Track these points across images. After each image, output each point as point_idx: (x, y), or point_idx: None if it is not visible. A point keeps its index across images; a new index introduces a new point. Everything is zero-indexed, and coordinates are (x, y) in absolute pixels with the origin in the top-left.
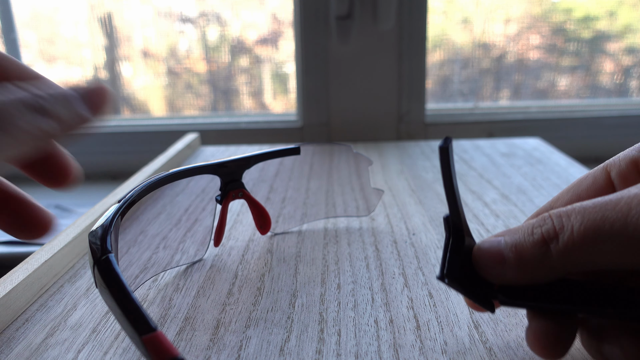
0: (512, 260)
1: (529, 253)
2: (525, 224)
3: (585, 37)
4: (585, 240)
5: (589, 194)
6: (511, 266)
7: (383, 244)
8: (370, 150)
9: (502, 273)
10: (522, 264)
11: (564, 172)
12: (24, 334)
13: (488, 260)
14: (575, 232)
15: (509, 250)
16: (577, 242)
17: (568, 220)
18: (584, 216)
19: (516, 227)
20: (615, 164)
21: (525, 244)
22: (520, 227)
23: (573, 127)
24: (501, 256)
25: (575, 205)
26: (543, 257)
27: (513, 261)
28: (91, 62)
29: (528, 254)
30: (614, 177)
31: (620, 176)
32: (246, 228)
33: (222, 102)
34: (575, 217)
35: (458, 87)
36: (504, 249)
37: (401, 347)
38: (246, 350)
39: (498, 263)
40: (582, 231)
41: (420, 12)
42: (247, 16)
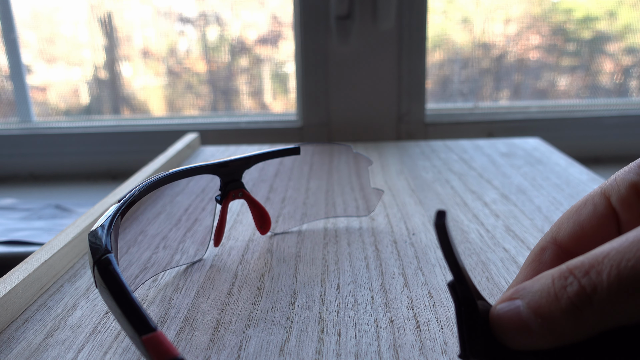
0: (540, 330)
1: (561, 321)
2: (543, 280)
3: (585, 37)
4: (626, 296)
5: (592, 224)
6: (541, 335)
7: (383, 244)
8: (370, 150)
9: (531, 342)
10: (553, 333)
11: (563, 172)
12: (23, 334)
13: (511, 331)
14: (613, 290)
15: (535, 318)
16: (616, 301)
17: (600, 277)
18: (619, 267)
19: (531, 284)
20: (614, 188)
21: (554, 312)
22: (537, 285)
23: (573, 127)
24: (526, 325)
25: (597, 252)
26: (577, 322)
27: (542, 331)
28: (91, 62)
29: (560, 322)
30: (615, 203)
31: (622, 202)
32: (246, 228)
33: (222, 102)
34: (608, 272)
35: (458, 87)
36: (527, 317)
37: (401, 347)
38: (246, 350)
39: (523, 333)
40: (621, 286)
41: (420, 12)
42: (247, 16)
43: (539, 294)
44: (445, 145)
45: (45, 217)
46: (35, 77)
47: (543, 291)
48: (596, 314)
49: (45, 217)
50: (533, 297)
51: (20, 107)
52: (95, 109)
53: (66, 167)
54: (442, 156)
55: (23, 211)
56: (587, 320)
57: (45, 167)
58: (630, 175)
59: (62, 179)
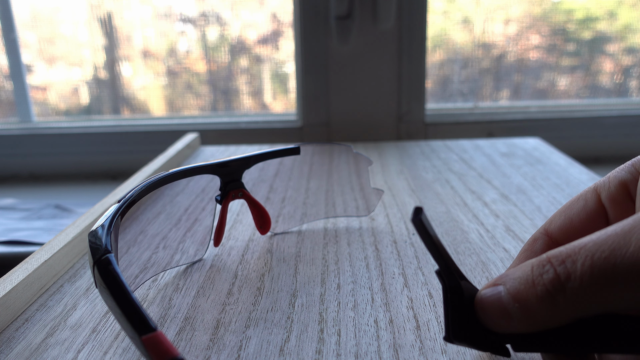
0: (518, 315)
1: (535, 308)
2: (524, 267)
3: (585, 37)
4: (598, 285)
5: (581, 218)
6: (518, 319)
7: (383, 244)
8: (370, 150)
9: (510, 326)
10: (529, 318)
11: (563, 172)
12: (23, 334)
13: (492, 315)
14: (586, 279)
15: (513, 303)
16: (589, 289)
17: (574, 266)
18: (592, 258)
19: (513, 271)
20: (605, 186)
21: (530, 298)
22: (518, 271)
23: (573, 127)
24: (505, 310)
25: (576, 243)
26: (551, 308)
27: (519, 315)
28: (91, 62)
29: (534, 308)
30: (604, 199)
31: (610, 199)
32: (246, 228)
33: (222, 102)
34: (582, 262)
35: (458, 87)
36: (507, 302)
37: (401, 347)
38: (246, 350)
39: (503, 317)
40: (593, 276)
41: (420, 12)
42: (247, 16)
43: (519, 280)
44: (445, 145)
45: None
46: (35, 77)
47: (522, 278)
48: (569, 302)
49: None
50: (513, 283)
51: (20, 107)
52: (95, 109)
53: (66, 167)
54: (442, 156)
55: (23, 211)
56: (560, 307)
57: (45, 167)
58: (621, 174)
59: (62, 179)
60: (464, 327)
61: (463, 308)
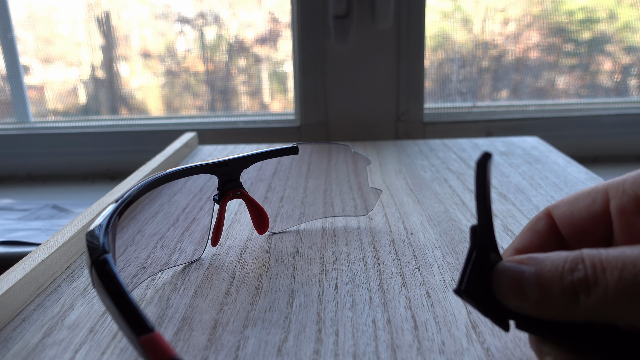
0: (533, 297)
1: (555, 298)
2: (557, 256)
3: (585, 36)
4: (619, 300)
5: (582, 215)
6: (531, 302)
7: (381, 244)
8: (369, 149)
9: (520, 305)
10: (544, 304)
11: (562, 171)
12: (20, 334)
13: (507, 288)
14: (610, 291)
15: (533, 285)
16: (610, 301)
17: (603, 275)
18: (622, 273)
19: (544, 256)
20: (618, 193)
21: (553, 288)
22: (549, 260)
23: (571, 126)
24: (522, 288)
25: (612, 252)
26: (569, 305)
27: (535, 298)
28: (88, 62)
29: (553, 298)
30: (613, 207)
31: (620, 209)
32: (244, 227)
33: (220, 102)
34: (611, 273)
35: (456, 87)
36: (527, 282)
37: (399, 347)
38: (244, 350)
39: (517, 294)
40: (618, 290)
41: (418, 11)
42: (245, 16)
43: (548, 267)
44: (444, 144)
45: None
46: (33, 77)
47: (552, 266)
48: (588, 305)
49: (43, 217)
50: (541, 268)
51: (18, 107)
52: (92, 108)
53: (64, 167)
54: (441, 155)
55: (20, 211)
56: (578, 307)
57: (43, 167)
58: (637, 188)
59: (59, 179)
60: (476, 287)
61: (482, 269)
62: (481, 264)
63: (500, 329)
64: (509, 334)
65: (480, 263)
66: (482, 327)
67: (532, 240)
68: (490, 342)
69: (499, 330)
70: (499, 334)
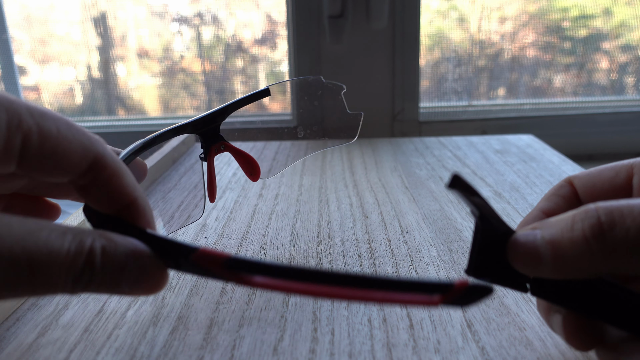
0: (548, 258)
1: (567, 251)
2: (565, 215)
3: (581, 35)
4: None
5: (604, 188)
6: (547, 263)
7: (376, 242)
8: (364, 147)
9: (537, 269)
10: (558, 262)
11: (557, 169)
12: (14, 334)
13: (523, 256)
14: (632, 232)
15: (546, 246)
16: (630, 243)
17: (622, 218)
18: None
19: (555, 219)
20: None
21: (564, 241)
22: (559, 218)
23: (566, 125)
24: (537, 253)
25: (631, 201)
26: (582, 255)
27: (549, 259)
28: (85, 62)
29: (566, 251)
30: (636, 183)
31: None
32: (239, 225)
33: (217, 102)
34: (631, 217)
35: (452, 85)
36: (540, 245)
37: (394, 346)
38: (239, 349)
39: (533, 260)
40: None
41: (413, 11)
42: (242, 16)
43: (557, 225)
44: (439, 141)
45: None
46: (29, 78)
47: (561, 223)
48: (603, 251)
49: None
50: (551, 229)
51: None
52: (89, 109)
53: None
54: (436, 153)
55: None
56: (591, 255)
57: None
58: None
59: None
60: (486, 265)
61: (490, 247)
62: (487, 243)
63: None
64: (504, 333)
65: (485, 243)
66: (477, 325)
67: (557, 203)
68: (485, 340)
69: (494, 329)
70: (494, 333)
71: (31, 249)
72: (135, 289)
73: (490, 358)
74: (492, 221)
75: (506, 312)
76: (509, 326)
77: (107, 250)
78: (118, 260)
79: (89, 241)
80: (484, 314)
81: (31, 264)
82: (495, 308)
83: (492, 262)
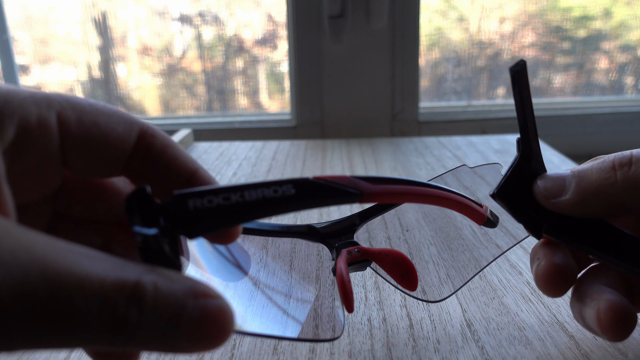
0: (572, 186)
1: (593, 178)
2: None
3: (580, 35)
4: None
5: None
6: (570, 191)
7: (376, 241)
8: (364, 147)
9: (560, 201)
10: (581, 189)
11: (556, 169)
12: None
13: (549, 186)
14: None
15: (572, 177)
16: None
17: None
18: None
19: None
20: None
21: (592, 171)
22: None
23: (565, 125)
24: (563, 183)
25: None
26: (605, 182)
27: (574, 186)
28: (85, 62)
29: (591, 179)
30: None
31: None
32: None
33: (217, 102)
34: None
35: (452, 85)
36: (568, 176)
37: (394, 345)
38: (240, 349)
39: (558, 190)
40: None
41: (413, 11)
42: (242, 16)
43: (588, 164)
44: (439, 141)
45: None
46: (30, 78)
47: (593, 162)
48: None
49: None
50: (582, 167)
51: None
52: None
53: None
54: (436, 153)
55: None
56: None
57: None
58: None
59: None
60: (510, 192)
61: (524, 176)
62: (521, 170)
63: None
64: (504, 333)
65: (519, 169)
66: (477, 325)
67: None
68: (485, 340)
69: (493, 329)
70: (494, 333)
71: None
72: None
73: (489, 357)
74: (534, 152)
75: (506, 311)
76: (509, 326)
77: (160, 288)
78: (175, 300)
79: (134, 274)
80: (484, 314)
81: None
82: (495, 307)
83: (519, 193)
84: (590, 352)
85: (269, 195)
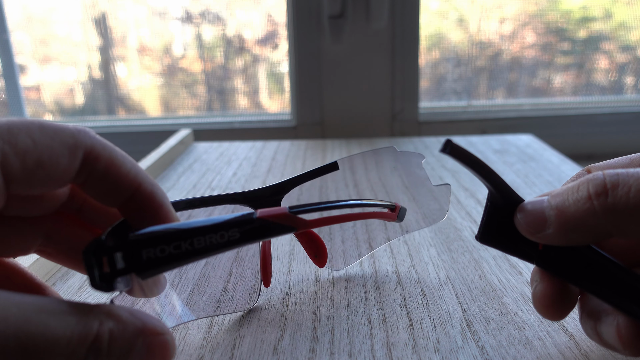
0: (553, 219)
1: (571, 211)
2: (573, 182)
3: (581, 35)
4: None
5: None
6: (552, 225)
7: (376, 242)
8: (364, 147)
9: (543, 234)
10: (562, 223)
11: (556, 169)
12: None
13: (530, 221)
14: (632, 193)
15: (551, 209)
16: (631, 204)
17: (626, 178)
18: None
19: (563, 187)
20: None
21: (569, 202)
22: (566, 186)
23: (566, 125)
24: (542, 216)
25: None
26: (585, 214)
27: (554, 219)
28: (85, 62)
29: (570, 211)
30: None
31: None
32: None
33: (217, 102)
34: (635, 178)
35: (452, 86)
36: (546, 208)
37: (394, 345)
38: (240, 349)
39: (539, 223)
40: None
41: (413, 11)
42: (243, 16)
43: (564, 190)
44: (439, 141)
45: None
46: (29, 78)
47: (568, 188)
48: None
49: None
50: (558, 194)
51: (13, 107)
52: (89, 109)
53: None
54: (436, 153)
55: None
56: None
57: None
58: None
59: None
60: (494, 233)
61: (499, 215)
62: (495, 211)
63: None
64: (504, 332)
65: (493, 211)
66: (476, 325)
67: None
68: (484, 340)
69: (493, 329)
70: (494, 332)
71: (26, 338)
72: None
73: (489, 357)
74: (502, 190)
75: (505, 311)
76: (509, 325)
77: (114, 334)
78: (126, 342)
79: (95, 326)
80: (484, 314)
81: (25, 355)
82: (495, 307)
83: (502, 230)
84: (589, 351)
85: (215, 242)
